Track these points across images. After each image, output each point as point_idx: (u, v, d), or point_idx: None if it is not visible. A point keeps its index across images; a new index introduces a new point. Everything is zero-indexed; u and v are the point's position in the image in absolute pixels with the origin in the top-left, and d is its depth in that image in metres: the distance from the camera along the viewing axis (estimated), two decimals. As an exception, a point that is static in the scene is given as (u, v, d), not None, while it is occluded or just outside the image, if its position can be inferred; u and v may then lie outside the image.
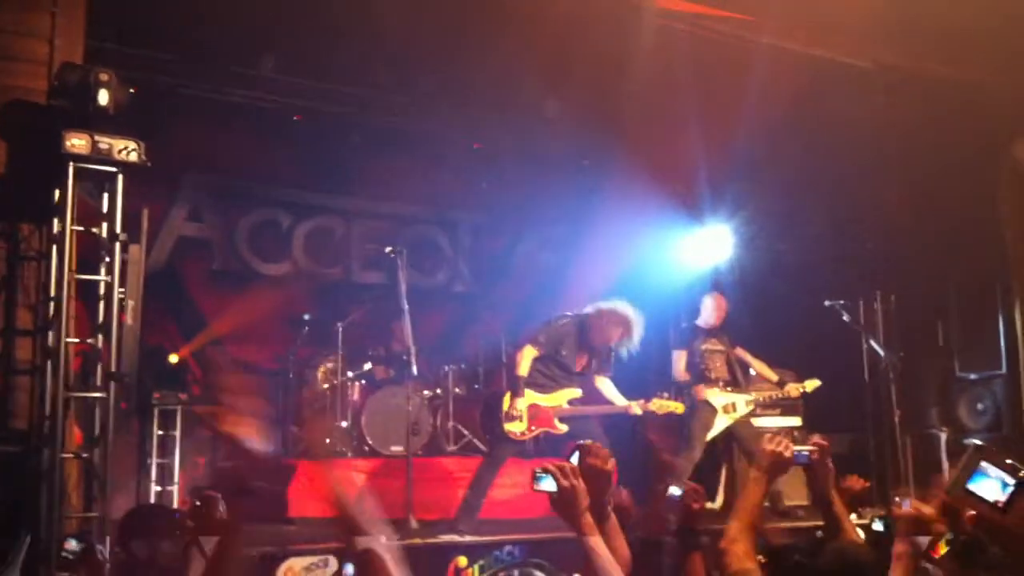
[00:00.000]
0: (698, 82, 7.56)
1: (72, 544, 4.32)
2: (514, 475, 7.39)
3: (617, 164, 8.71)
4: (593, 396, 7.38)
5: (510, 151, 9.50)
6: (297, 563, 5.88)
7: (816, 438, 3.77)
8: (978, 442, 2.48)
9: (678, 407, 7.24)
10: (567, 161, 9.69)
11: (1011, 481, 2.34)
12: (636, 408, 7.11)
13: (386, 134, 9.24)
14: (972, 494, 2.39)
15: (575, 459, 3.07)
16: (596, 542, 2.82)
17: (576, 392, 7.24)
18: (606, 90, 7.86)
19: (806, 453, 3.59)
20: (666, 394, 7.24)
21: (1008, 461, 2.38)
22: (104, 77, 5.74)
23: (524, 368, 7.11)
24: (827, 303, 7.92)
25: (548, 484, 2.82)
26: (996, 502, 2.35)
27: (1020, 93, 7.88)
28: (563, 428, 7.14)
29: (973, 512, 2.43)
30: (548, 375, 7.16)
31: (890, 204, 8.55)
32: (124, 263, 6.00)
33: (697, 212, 8.49)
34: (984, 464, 2.39)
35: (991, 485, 2.36)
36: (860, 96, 7.97)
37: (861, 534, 3.79)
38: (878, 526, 3.89)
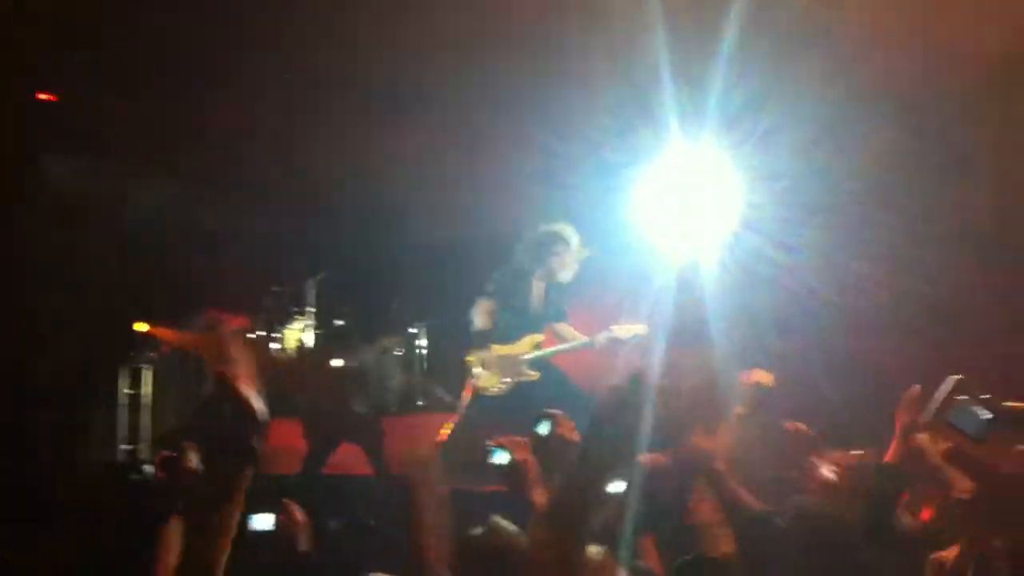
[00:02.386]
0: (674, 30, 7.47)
1: None
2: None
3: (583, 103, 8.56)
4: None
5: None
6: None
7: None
8: (958, 376, 2.47)
9: (640, 328, 7.21)
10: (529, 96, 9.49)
11: (987, 415, 2.35)
12: (600, 339, 7.14)
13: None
14: (951, 426, 2.40)
15: (544, 428, 3.10)
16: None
17: (539, 336, 7.31)
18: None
19: None
20: (624, 320, 7.21)
21: (985, 395, 2.38)
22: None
23: (482, 322, 7.16)
24: None
25: (501, 457, 2.86)
26: (974, 433, 2.36)
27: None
28: (534, 374, 7.18)
29: (949, 444, 2.44)
30: (510, 325, 7.19)
31: (867, 157, 8.48)
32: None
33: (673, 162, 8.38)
34: (963, 397, 2.39)
35: (969, 418, 2.37)
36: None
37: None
38: None
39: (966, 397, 2.43)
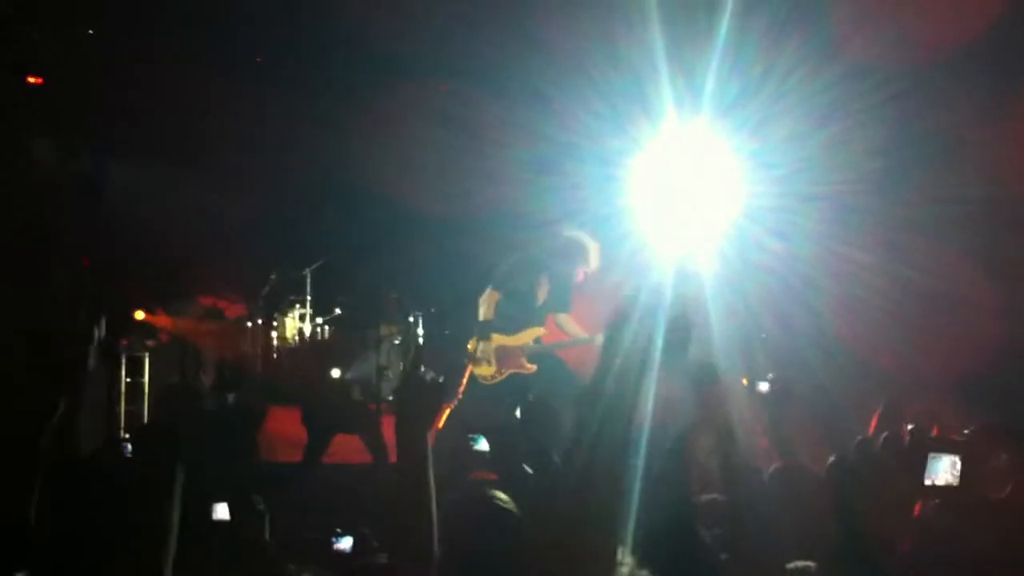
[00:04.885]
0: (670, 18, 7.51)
1: None
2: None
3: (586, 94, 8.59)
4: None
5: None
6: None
7: None
8: None
9: None
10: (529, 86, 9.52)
11: None
12: (601, 339, 7.10)
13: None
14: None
15: (483, 444, 3.17)
16: None
17: (540, 330, 7.28)
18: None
19: None
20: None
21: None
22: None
23: (487, 312, 7.17)
24: None
25: (483, 444, 2.97)
26: None
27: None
28: (531, 367, 7.20)
29: None
30: (511, 316, 7.20)
31: (858, 144, 8.52)
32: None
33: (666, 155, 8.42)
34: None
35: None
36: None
37: None
38: None
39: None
